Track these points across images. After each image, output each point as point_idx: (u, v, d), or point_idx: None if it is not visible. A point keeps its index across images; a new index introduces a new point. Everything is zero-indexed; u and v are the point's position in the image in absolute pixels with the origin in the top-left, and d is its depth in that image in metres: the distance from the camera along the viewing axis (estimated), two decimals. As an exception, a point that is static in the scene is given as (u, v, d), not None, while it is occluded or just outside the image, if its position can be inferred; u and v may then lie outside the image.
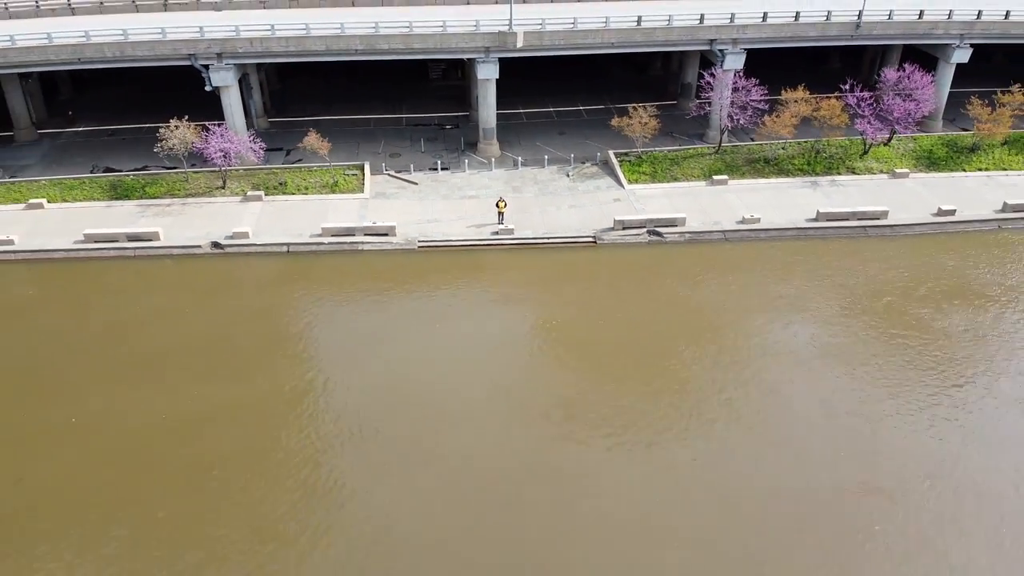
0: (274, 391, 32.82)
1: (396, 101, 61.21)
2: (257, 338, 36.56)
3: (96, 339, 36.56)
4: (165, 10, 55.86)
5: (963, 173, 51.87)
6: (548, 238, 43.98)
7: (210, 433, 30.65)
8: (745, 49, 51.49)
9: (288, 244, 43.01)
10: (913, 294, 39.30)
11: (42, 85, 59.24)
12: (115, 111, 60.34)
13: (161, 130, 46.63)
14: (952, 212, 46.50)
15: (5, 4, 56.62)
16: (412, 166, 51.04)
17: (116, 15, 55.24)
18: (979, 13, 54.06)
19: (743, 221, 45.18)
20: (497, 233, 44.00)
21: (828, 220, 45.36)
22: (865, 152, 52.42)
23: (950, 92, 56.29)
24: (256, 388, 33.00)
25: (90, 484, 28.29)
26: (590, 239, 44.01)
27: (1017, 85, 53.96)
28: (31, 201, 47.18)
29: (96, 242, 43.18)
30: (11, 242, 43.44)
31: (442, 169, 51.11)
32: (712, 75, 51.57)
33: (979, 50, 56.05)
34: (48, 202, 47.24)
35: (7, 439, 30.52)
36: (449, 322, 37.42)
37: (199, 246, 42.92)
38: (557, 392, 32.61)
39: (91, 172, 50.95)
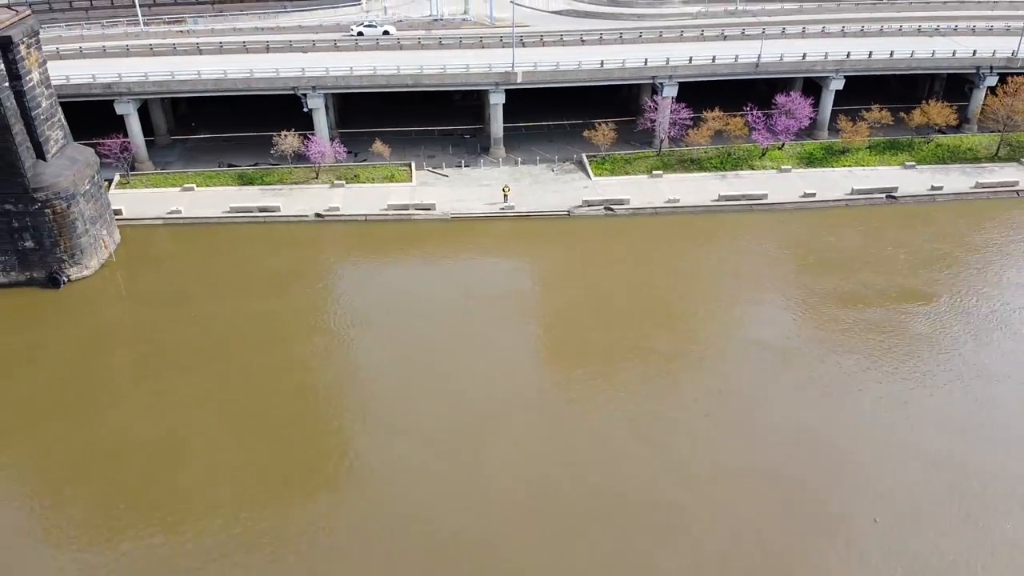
0: (324, 297, 55.38)
1: (430, 117, 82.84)
2: (332, 269, 59.05)
3: (227, 270, 58.89)
4: (267, 51, 77.86)
5: (831, 169, 73.51)
6: (537, 212, 65.85)
7: (278, 320, 52.62)
8: (678, 82, 73.21)
9: (366, 215, 65.00)
10: (753, 240, 61.68)
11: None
12: (222, 123, 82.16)
13: (275, 137, 68.71)
14: (813, 195, 68.27)
15: (151, 46, 78.77)
16: (444, 164, 72.98)
17: (231, 55, 77.22)
18: (848, 54, 75.80)
19: (668, 201, 66.95)
20: (503, 209, 65.87)
21: (726, 200, 67.15)
22: (763, 155, 74.16)
23: (847, 108, 77.04)
24: (311, 296, 55.45)
25: (202, 346, 50.20)
26: (565, 212, 65.88)
27: (877, 105, 75.82)
28: (185, 186, 69.23)
29: (237, 212, 65.21)
30: (179, 212, 65.47)
31: (465, 166, 72.99)
32: (655, 100, 73.33)
33: (877, 78, 77.95)
34: (197, 187, 69.25)
35: (154, 327, 52.42)
36: (466, 261, 59.66)
37: (307, 216, 64.99)
38: (526, 298, 54.74)
39: (218, 167, 72.96)
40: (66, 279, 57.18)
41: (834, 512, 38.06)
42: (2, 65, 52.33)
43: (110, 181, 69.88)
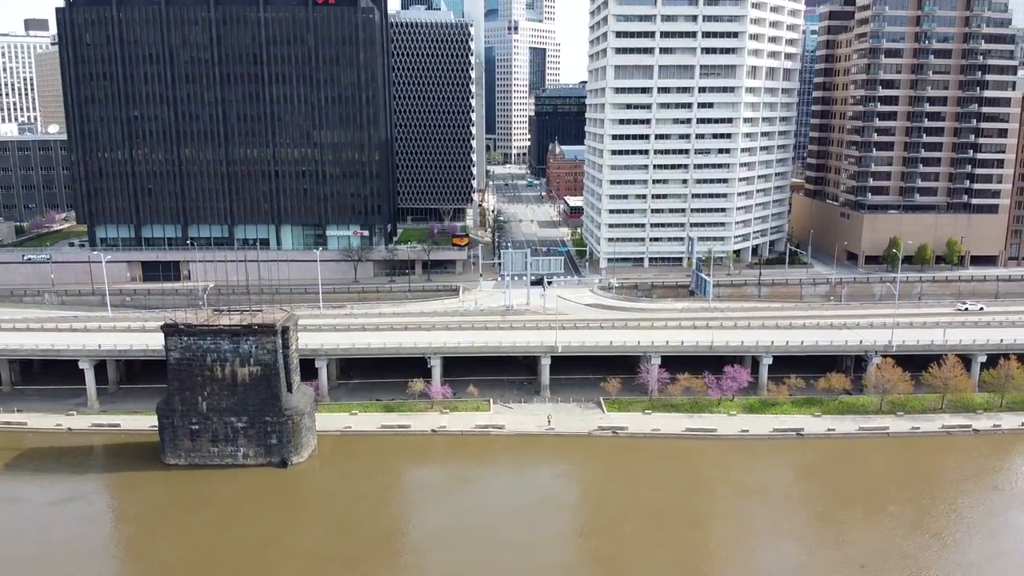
0: (434, 474, 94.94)
1: (499, 369, 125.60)
2: (440, 460, 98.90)
3: (378, 462, 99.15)
4: (405, 330, 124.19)
5: (763, 416, 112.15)
6: (568, 433, 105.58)
7: (398, 486, 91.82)
8: (661, 355, 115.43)
9: (462, 431, 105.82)
10: (703, 455, 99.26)
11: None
12: (368, 371, 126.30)
13: (409, 382, 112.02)
14: (747, 431, 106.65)
15: (334, 325, 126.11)
16: (510, 400, 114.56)
17: (382, 332, 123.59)
18: (771, 342, 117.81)
19: (653, 430, 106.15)
20: (547, 429, 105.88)
21: (689, 431, 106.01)
22: (718, 404, 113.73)
23: (778, 375, 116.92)
24: (428, 473, 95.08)
25: (345, 496, 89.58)
26: (586, 433, 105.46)
27: (794, 375, 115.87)
28: (351, 412, 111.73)
29: (384, 428, 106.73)
30: (350, 427, 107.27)
31: (523, 402, 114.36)
32: (647, 365, 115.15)
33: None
34: (359, 412, 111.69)
35: (330, 488, 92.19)
36: (523, 459, 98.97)
37: (426, 431, 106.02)
38: (558, 479, 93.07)
39: (370, 400, 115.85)
40: (291, 463, 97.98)
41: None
42: (281, 342, 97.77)
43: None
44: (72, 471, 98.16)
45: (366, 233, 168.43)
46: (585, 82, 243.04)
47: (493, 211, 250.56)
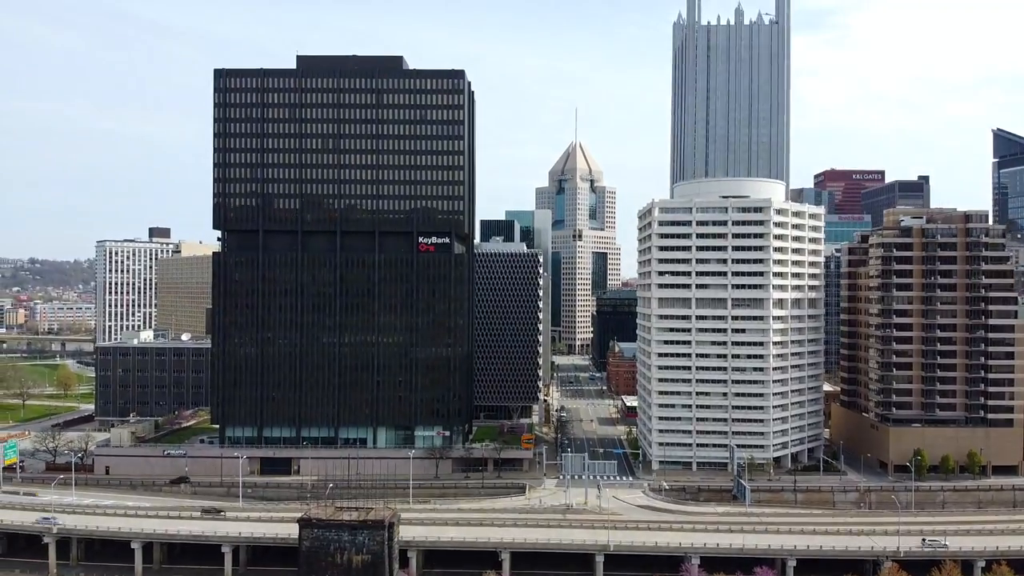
0: None
1: (560, 563, 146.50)
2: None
3: None
4: (480, 526, 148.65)
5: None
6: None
7: None
8: (700, 556, 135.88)
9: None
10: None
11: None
12: (448, 561, 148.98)
13: (483, 574, 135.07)
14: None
15: (421, 520, 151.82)
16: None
17: (458, 527, 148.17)
18: (795, 546, 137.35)
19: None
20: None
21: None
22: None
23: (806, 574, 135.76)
24: None
25: None
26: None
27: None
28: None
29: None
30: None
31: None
32: (688, 565, 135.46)
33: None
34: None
35: None
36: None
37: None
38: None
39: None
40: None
41: None
42: (387, 535, 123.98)
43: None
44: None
45: (447, 433, 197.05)
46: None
47: (557, 409, 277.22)
